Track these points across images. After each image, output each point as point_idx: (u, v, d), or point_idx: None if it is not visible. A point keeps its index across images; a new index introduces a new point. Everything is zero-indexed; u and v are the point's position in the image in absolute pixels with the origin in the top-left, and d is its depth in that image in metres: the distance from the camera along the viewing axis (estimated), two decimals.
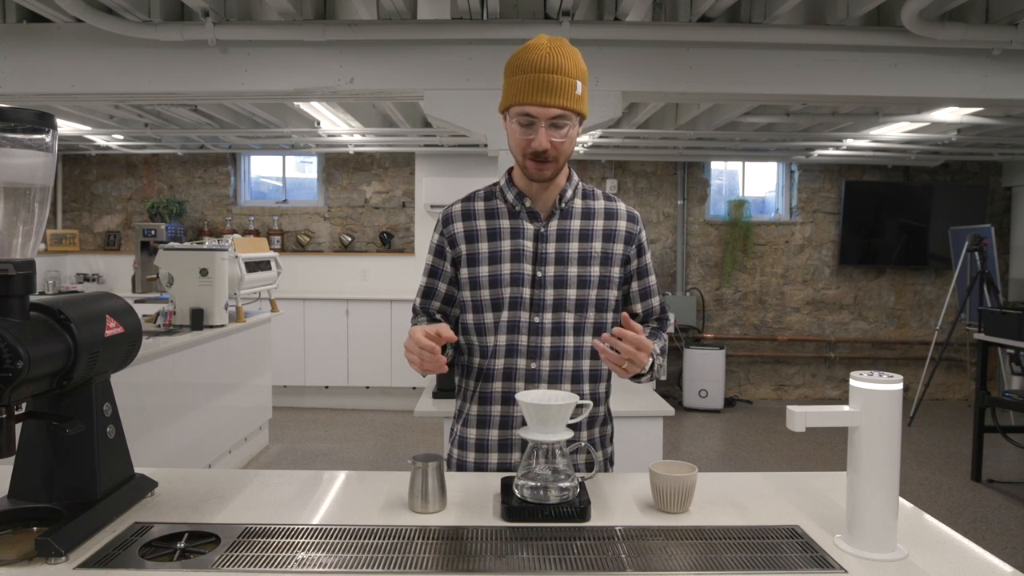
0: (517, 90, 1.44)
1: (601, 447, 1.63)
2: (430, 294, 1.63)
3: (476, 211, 1.59)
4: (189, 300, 4.16)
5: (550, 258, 1.54)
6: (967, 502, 4.32)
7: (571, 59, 1.44)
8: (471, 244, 1.57)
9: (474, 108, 3.44)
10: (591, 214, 1.58)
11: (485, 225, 1.57)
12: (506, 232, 1.56)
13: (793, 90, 3.46)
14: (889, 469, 1.14)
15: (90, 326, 1.21)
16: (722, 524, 1.26)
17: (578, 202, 1.59)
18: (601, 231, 1.57)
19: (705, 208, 7.23)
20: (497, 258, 1.55)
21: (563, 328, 1.54)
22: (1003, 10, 3.21)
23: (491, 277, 1.55)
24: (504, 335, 1.55)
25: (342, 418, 6.21)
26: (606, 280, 1.56)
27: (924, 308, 7.21)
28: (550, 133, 1.44)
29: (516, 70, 1.45)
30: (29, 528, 1.17)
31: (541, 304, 1.54)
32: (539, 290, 1.53)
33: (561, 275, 1.54)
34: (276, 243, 6.96)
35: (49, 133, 1.14)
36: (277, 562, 1.10)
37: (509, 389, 1.55)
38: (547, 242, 1.55)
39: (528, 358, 1.54)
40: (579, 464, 1.56)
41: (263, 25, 3.36)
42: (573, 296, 1.54)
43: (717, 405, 6.59)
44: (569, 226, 1.56)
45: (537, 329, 1.54)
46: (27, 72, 3.44)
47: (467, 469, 1.59)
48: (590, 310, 1.55)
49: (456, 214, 1.60)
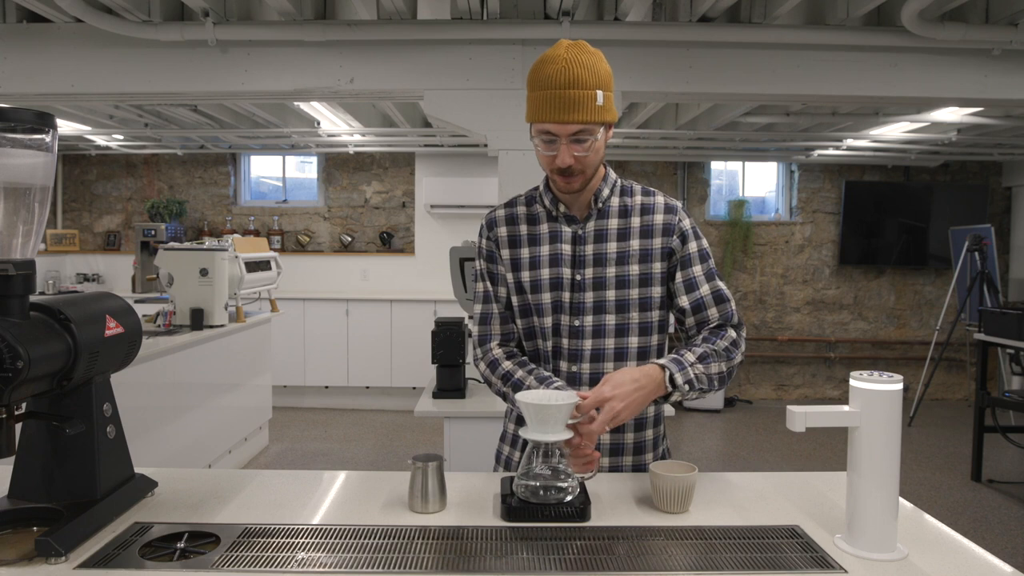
0: (536, 107, 1.42)
1: (653, 449, 1.61)
2: (489, 299, 1.61)
3: (518, 216, 1.59)
4: (189, 300, 4.16)
5: (588, 260, 1.53)
6: (967, 502, 4.32)
7: (589, 69, 1.40)
8: (514, 249, 1.57)
9: (474, 108, 3.44)
10: (627, 212, 1.56)
11: (527, 231, 1.57)
12: (545, 237, 1.56)
13: (793, 90, 3.46)
14: (889, 469, 1.14)
15: (90, 326, 1.21)
16: (722, 524, 1.26)
17: (615, 200, 1.57)
18: (638, 228, 1.55)
19: (705, 208, 7.23)
20: (537, 263, 1.55)
21: (604, 330, 1.53)
22: (1003, 10, 3.21)
23: (532, 282, 1.55)
24: (549, 340, 1.55)
25: (342, 418, 6.21)
26: (647, 278, 1.53)
27: (924, 308, 7.21)
28: (572, 148, 1.42)
29: (535, 85, 1.43)
30: (29, 528, 1.17)
31: (581, 307, 1.53)
32: (578, 293, 1.53)
33: (600, 276, 1.53)
34: (276, 243, 6.96)
35: (49, 133, 1.14)
36: (277, 562, 1.10)
37: None
38: (585, 244, 1.54)
39: (569, 361, 1.54)
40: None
41: (263, 25, 3.36)
42: (612, 297, 1.53)
43: (717, 405, 6.59)
44: (606, 226, 1.55)
45: (578, 332, 1.53)
46: (27, 72, 3.44)
47: (512, 468, 1.61)
48: (632, 310, 1.53)
49: (500, 219, 1.60)
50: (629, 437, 1.58)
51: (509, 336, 1.61)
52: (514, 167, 3.42)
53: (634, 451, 1.59)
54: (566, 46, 1.42)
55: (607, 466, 1.57)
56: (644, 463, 1.58)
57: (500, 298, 1.60)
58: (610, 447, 1.57)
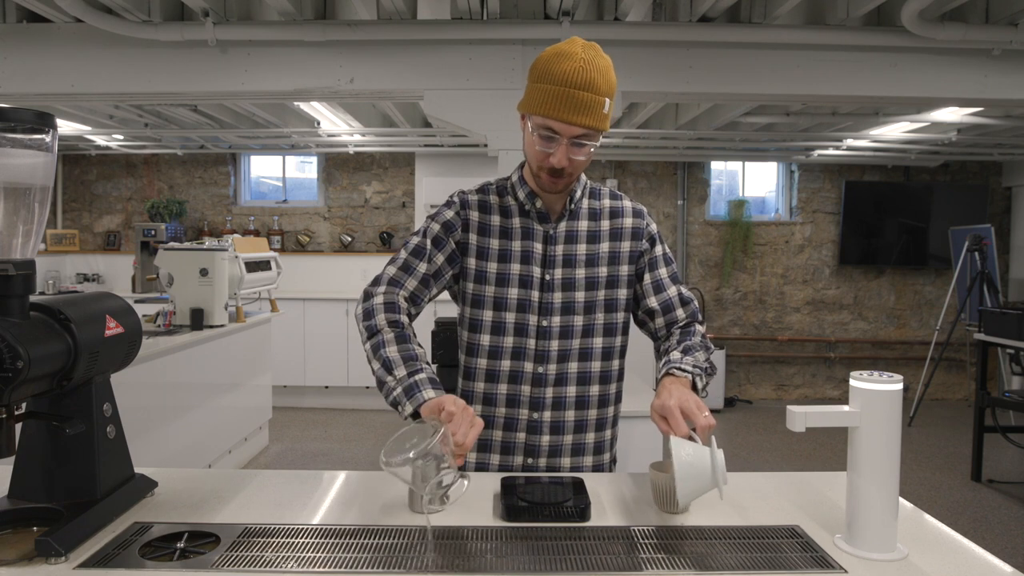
0: (543, 101, 1.37)
1: (610, 449, 1.63)
2: (422, 256, 1.51)
3: (491, 205, 1.56)
4: (189, 300, 4.16)
5: (558, 260, 1.53)
6: (967, 502, 4.32)
7: (603, 74, 1.37)
8: (483, 237, 1.54)
9: (474, 108, 3.44)
10: (597, 214, 1.56)
11: (499, 221, 1.55)
12: (517, 232, 1.54)
13: (793, 90, 3.46)
14: (889, 469, 1.14)
15: (90, 326, 1.20)
16: (722, 524, 1.26)
17: (585, 202, 1.57)
18: (608, 231, 1.56)
19: (705, 208, 7.23)
20: (507, 256, 1.53)
21: (571, 331, 1.53)
22: (1003, 10, 3.21)
23: (499, 275, 1.52)
24: (511, 337, 1.52)
25: (342, 418, 6.20)
26: (614, 279, 1.55)
27: (924, 308, 7.21)
28: (571, 151, 1.41)
29: (544, 77, 1.38)
30: (29, 528, 1.17)
31: (549, 307, 1.52)
32: (547, 293, 1.52)
33: (569, 277, 1.52)
34: (276, 243, 6.96)
35: (49, 133, 1.14)
36: (277, 562, 1.10)
37: (515, 392, 1.54)
38: (555, 244, 1.53)
39: (535, 362, 1.53)
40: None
41: (263, 25, 3.36)
42: (581, 298, 1.53)
43: (717, 405, 6.59)
44: (577, 227, 1.55)
45: (545, 333, 1.52)
46: (27, 72, 3.44)
47: (466, 469, 1.57)
48: (599, 311, 1.54)
49: (474, 203, 1.56)
50: (590, 437, 1.58)
51: (416, 300, 1.51)
52: (514, 167, 3.41)
53: (594, 451, 1.59)
54: (582, 45, 1.40)
55: (568, 466, 1.56)
56: (603, 463, 1.60)
57: (434, 264, 1.51)
58: (572, 447, 1.56)
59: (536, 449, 1.54)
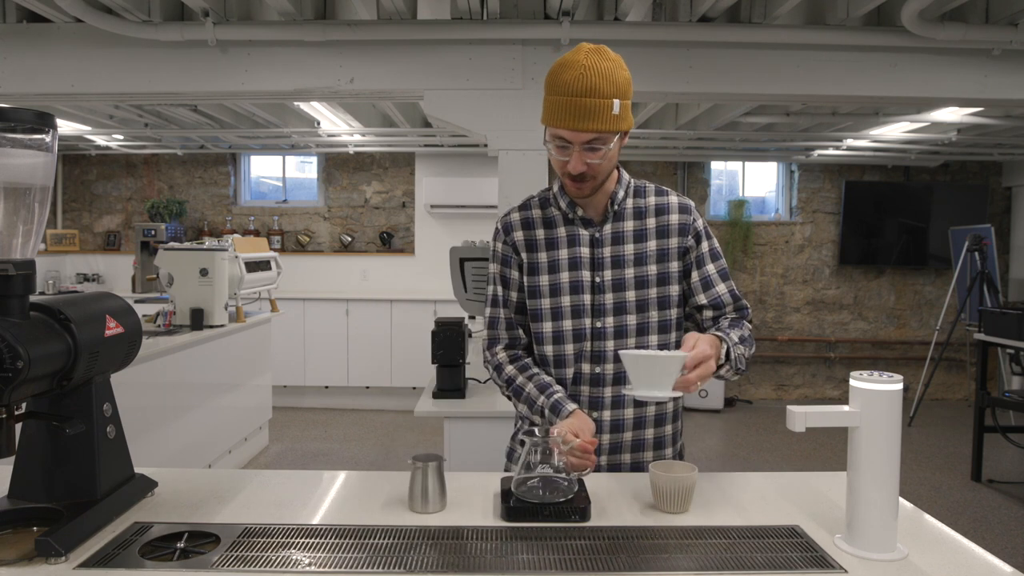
0: (551, 112, 1.42)
1: (672, 444, 1.64)
2: (498, 303, 1.62)
3: (534, 219, 1.60)
4: (189, 300, 4.16)
5: (606, 262, 1.55)
6: (967, 502, 4.32)
7: (607, 77, 1.39)
8: (531, 253, 1.58)
9: (474, 108, 3.44)
10: (643, 213, 1.58)
11: (544, 234, 1.58)
12: (563, 241, 1.57)
13: (793, 90, 3.46)
14: (889, 469, 1.14)
15: (90, 326, 1.21)
16: (722, 524, 1.26)
17: (630, 202, 1.59)
18: (654, 228, 1.57)
19: (705, 208, 7.23)
20: (556, 267, 1.56)
21: (625, 331, 1.55)
22: (1003, 10, 3.21)
23: (551, 286, 1.56)
24: (571, 344, 1.56)
25: (342, 418, 6.21)
26: (665, 276, 1.56)
27: (924, 308, 7.21)
28: (585, 156, 1.43)
29: (552, 89, 1.42)
30: (29, 528, 1.17)
31: (602, 309, 1.55)
32: (599, 295, 1.55)
33: (619, 278, 1.55)
34: (276, 243, 6.96)
35: (49, 133, 1.14)
36: (277, 562, 1.10)
37: (575, 393, 1.57)
38: (603, 246, 1.56)
39: (592, 362, 1.56)
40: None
41: (263, 25, 3.36)
42: (633, 298, 1.55)
43: (717, 405, 6.59)
44: (623, 228, 1.57)
45: (600, 334, 1.55)
46: (27, 72, 3.44)
47: None
48: (651, 309, 1.56)
49: (515, 223, 1.60)
50: (650, 432, 1.60)
51: (516, 341, 1.63)
52: (514, 167, 3.42)
53: (655, 446, 1.61)
54: (586, 51, 1.41)
55: (628, 462, 1.59)
56: (665, 458, 1.61)
57: (510, 302, 1.61)
58: (632, 443, 1.59)
59: (597, 448, 1.55)
